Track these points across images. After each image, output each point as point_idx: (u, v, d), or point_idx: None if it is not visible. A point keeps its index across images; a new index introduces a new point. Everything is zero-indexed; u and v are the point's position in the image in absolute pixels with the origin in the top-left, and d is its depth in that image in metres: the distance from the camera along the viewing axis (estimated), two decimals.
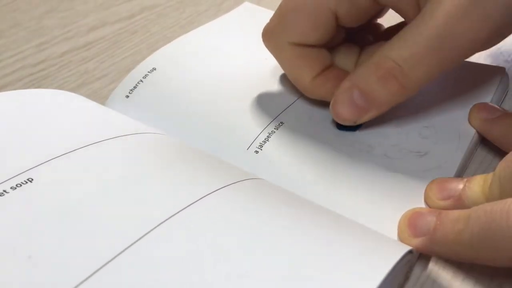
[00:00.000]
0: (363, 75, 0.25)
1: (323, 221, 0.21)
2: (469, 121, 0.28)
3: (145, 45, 0.38)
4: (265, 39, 0.28)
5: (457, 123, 0.28)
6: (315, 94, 0.28)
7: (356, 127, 0.28)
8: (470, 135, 0.27)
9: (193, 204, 0.20)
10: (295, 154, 0.27)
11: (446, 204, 0.23)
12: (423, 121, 0.28)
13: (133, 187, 0.21)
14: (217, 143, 0.27)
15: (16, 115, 0.25)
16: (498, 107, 0.28)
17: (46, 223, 0.19)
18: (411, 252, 0.20)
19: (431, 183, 0.24)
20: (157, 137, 0.26)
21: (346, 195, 0.25)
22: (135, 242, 0.18)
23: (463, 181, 0.23)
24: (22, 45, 0.37)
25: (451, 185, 0.24)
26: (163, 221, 0.19)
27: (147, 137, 0.26)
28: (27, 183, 0.21)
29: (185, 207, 0.20)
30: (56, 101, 0.28)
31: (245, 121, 0.28)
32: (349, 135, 0.28)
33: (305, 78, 0.27)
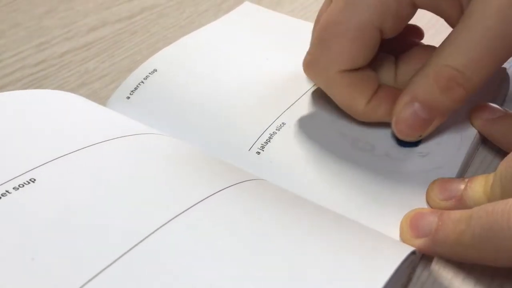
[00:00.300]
0: (423, 87, 0.24)
1: (326, 222, 0.21)
2: (470, 121, 0.28)
3: (145, 45, 0.38)
4: (310, 72, 0.27)
5: (459, 123, 0.28)
6: (371, 118, 0.27)
7: (419, 142, 0.27)
8: (471, 135, 0.27)
9: (195, 205, 0.20)
10: (297, 154, 0.27)
11: (447, 204, 0.23)
12: None
13: (135, 188, 0.21)
14: (219, 144, 0.27)
15: (17, 116, 0.25)
16: (499, 107, 0.28)
17: (48, 223, 0.19)
18: (414, 253, 0.20)
19: (432, 184, 0.24)
20: (158, 138, 0.26)
21: (347, 195, 0.25)
22: (138, 243, 0.18)
23: (464, 181, 0.24)
24: (22, 45, 0.37)
25: (452, 186, 0.24)
26: (166, 223, 0.19)
27: (148, 138, 0.26)
28: (29, 183, 0.21)
29: (187, 208, 0.20)
30: (57, 102, 0.27)
31: (246, 122, 0.28)
32: (351, 135, 0.28)
33: (360, 104, 0.26)
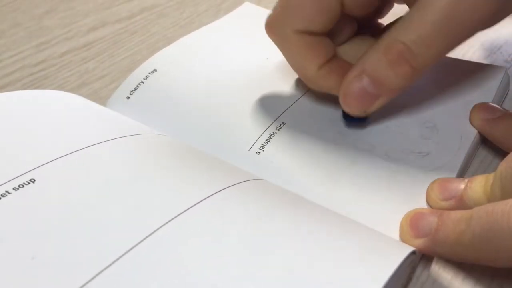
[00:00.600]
0: (373, 60, 0.25)
1: (326, 222, 0.21)
2: (470, 121, 0.28)
3: (145, 45, 0.38)
4: (268, 28, 0.27)
5: (459, 123, 0.28)
6: (320, 85, 0.27)
7: (364, 119, 0.28)
8: (471, 135, 0.27)
9: (195, 205, 0.20)
10: (297, 154, 0.27)
11: (447, 204, 0.23)
12: (424, 122, 0.28)
13: (136, 188, 0.21)
14: (219, 144, 0.27)
15: (17, 116, 0.25)
16: (499, 107, 0.28)
17: (48, 223, 0.19)
18: (414, 253, 0.20)
19: (432, 184, 0.24)
20: (158, 138, 0.26)
21: (347, 195, 0.25)
22: (138, 243, 0.18)
23: (464, 181, 0.24)
24: (22, 45, 0.37)
25: (452, 185, 0.24)
26: (166, 223, 0.19)
27: (148, 138, 0.26)
28: (29, 183, 0.21)
29: (187, 208, 0.20)
30: (57, 102, 0.27)
31: (246, 122, 0.28)
32: (351, 134, 0.28)
33: (310, 68, 0.27)
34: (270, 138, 0.27)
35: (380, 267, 0.18)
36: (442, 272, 0.23)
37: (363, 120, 0.28)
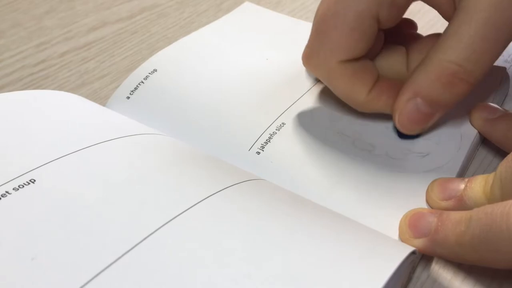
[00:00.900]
0: (425, 83, 0.24)
1: (326, 222, 0.21)
2: (470, 121, 0.28)
3: (145, 45, 0.38)
4: (309, 64, 0.27)
5: (459, 123, 0.28)
6: (371, 108, 0.27)
7: (419, 134, 0.27)
8: (471, 135, 0.27)
9: (195, 205, 0.20)
10: (297, 154, 0.27)
11: (447, 204, 0.23)
12: None
13: (136, 188, 0.21)
14: (219, 144, 0.27)
15: (17, 116, 0.25)
16: (499, 107, 0.28)
17: (48, 224, 0.19)
18: (414, 253, 0.20)
19: (432, 184, 0.24)
20: (158, 138, 0.26)
21: (347, 195, 0.25)
22: (138, 243, 0.18)
23: (464, 181, 0.24)
24: (22, 45, 0.37)
25: (452, 186, 0.24)
26: (166, 223, 0.19)
27: (148, 138, 0.26)
28: (29, 184, 0.21)
29: (187, 208, 0.20)
30: (57, 102, 0.27)
31: (246, 122, 0.28)
32: (351, 134, 0.28)
33: (360, 94, 0.26)
34: (270, 138, 0.27)
35: (379, 267, 0.18)
36: (442, 272, 0.23)
37: (417, 135, 0.27)
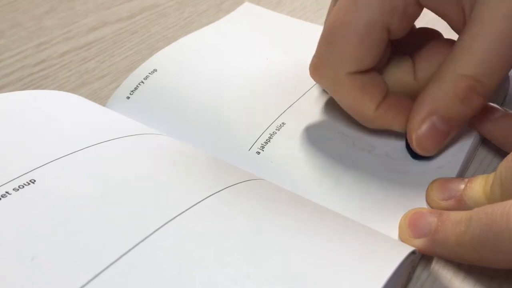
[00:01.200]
0: (443, 100, 0.24)
1: (326, 222, 0.21)
2: (470, 121, 0.28)
3: (145, 45, 0.38)
4: (317, 75, 0.26)
5: None
6: (380, 124, 0.26)
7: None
8: (471, 135, 0.27)
9: (195, 205, 0.20)
10: (297, 154, 0.27)
11: (447, 204, 0.23)
12: None
13: (135, 188, 0.21)
14: (219, 144, 0.27)
15: (17, 117, 0.25)
16: (499, 107, 0.28)
17: (48, 224, 0.19)
18: (414, 253, 0.20)
19: (432, 183, 0.24)
20: (158, 138, 0.26)
21: (347, 195, 0.25)
22: (138, 243, 0.18)
23: (464, 181, 0.24)
24: (22, 45, 0.37)
25: (452, 185, 0.24)
26: (166, 223, 0.19)
27: (148, 138, 0.26)
28: (29, 184, 0.21)
29: (187, 208, 0.20)
30: (57, 102, 0.27)
31: (246, 122, 0.28)
32: (351, 134, 0.28)
33: (368, 108, 0.25)
34: (270, 138, 0.27)
35: (379, 267, 0.18)
36: (442, 272, 0.23)
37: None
